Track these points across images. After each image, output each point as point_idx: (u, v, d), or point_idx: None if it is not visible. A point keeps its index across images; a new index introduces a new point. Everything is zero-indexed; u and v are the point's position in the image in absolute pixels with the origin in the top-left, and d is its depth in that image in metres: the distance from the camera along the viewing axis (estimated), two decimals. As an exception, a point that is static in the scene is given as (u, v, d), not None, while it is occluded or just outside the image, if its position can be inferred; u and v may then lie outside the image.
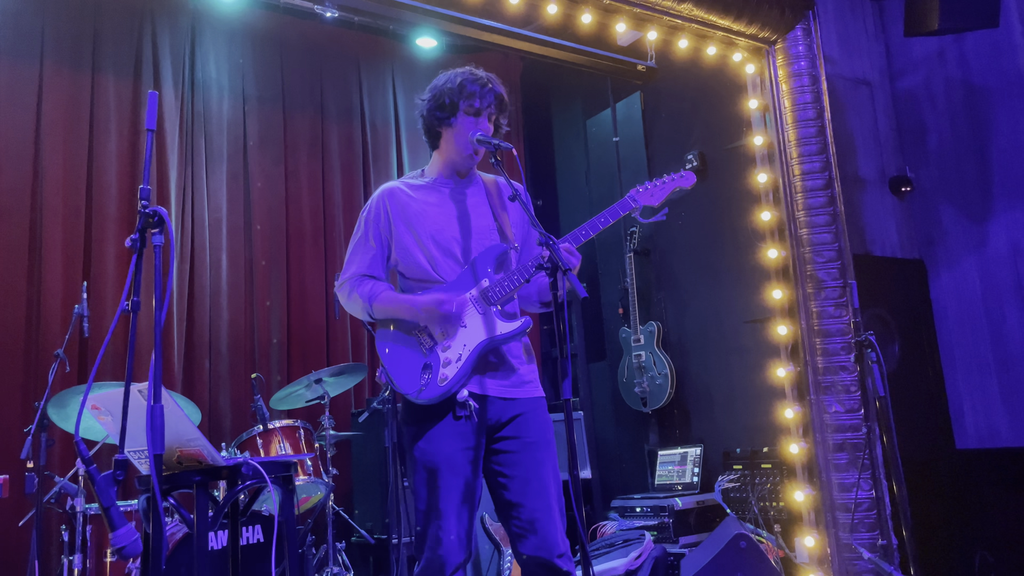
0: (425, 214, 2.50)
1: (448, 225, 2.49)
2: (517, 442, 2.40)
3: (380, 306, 2.47)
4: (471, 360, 2.37)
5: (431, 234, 2.48)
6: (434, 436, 2.35)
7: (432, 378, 2.37)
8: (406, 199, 2.53)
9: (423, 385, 2.37)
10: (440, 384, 2.35)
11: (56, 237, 4.45)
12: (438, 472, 2.32)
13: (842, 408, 4.21)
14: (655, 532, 4.49)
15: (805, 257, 4.40)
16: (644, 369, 5.23)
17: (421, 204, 2.52)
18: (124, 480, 1.86)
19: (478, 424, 2.38)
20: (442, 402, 2.37)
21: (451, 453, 2.33)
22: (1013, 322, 4.59)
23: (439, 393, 2.35)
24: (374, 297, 2.48)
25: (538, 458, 2.40)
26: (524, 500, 2.34)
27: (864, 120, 5.08)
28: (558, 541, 2.34)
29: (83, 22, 4.72)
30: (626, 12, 4.22)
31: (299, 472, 3.94)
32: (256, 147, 5.23)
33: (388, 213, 2.52)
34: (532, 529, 2.32)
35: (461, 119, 2.48)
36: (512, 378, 2.45)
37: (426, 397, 2.36)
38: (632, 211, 2.51)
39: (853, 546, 4.05)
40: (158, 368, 1.85)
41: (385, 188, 2.58)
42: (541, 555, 2.31)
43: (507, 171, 2.42)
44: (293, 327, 5.18)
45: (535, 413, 2.47)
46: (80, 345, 4.36)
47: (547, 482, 2.38)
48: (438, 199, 2.54)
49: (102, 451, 3.79)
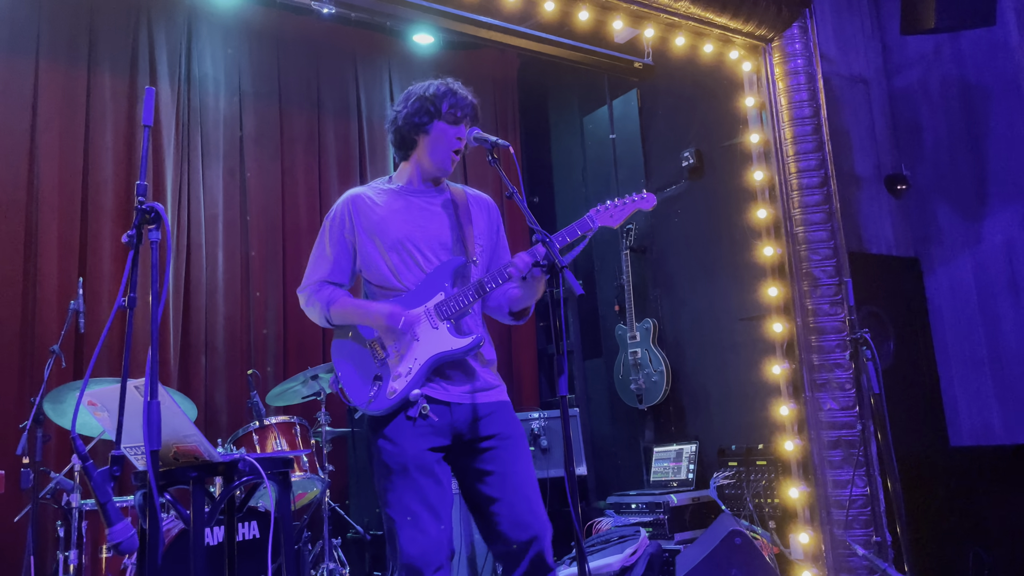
0: (388, 221, 2.50)
1: (411, 234, 2.49)
2: (493, 439, 2.41)
3: (336, 311, 2.48)
4: (420, 374, 2.37)
5: (393, 242, 2.47)
6: (400, 438, 2.35)
7: (382, 390, 2.39)
8: (370, 205, 2.53)
9: (372, 396, 2.39)
10: (388, 396, 2.37)
11: (52, 233, 4.44)
12: (408, 472, 2.31)
13: (837, 405, 4.22)
14: (650, 528, 4.50)
15: (801, 254, 4.41)
16: (640, 366, 5.24)
17: (385, 211, 2.51)
18: (120, 476, 1.87)
19: (443, 426, 2.39)
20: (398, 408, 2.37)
21: (418, 452, 2.33)
22: (1007, 320, 4.61)
23: (387, 405, 2.36)
24: (332, 303, 2.49)
25: (515, 452, 2.42)
26: (504, 494, 2.35)
27: (860, 118, 5.09)
28: (544, 527, 2.35)
29: (79, 17, 4.71)
30: (623, 9, 4.23)
31: (295, 468, 3.94)
32: (252, 143, 5.23)
33: (352, 219, 2.52)
34: (514, 519, 2.32)
35: (439, 126, 2.50)
36: (476, 384, 2.46)
37: (375, 408, 2.38)
38: (588, 232, 2.47)
39: (847, 543, 4.06)
40: (154, 364, 1.86)
41: (349, 194, 2.58)
42: (524, 538, 2.31)
43: (504, 169, 2.41)
44: (289, 323, 5.18)
45: (504, 412, 2.49)
46: (76, 341, 4.35)
47: (526, 475, 2.40)
48: (403, 206, 2.53)
49: (98, 447, 3.79)
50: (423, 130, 2.51)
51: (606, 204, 2.54)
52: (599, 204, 2.55)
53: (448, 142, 2.50)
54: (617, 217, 2.54)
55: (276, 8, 4.76)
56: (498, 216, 2.69)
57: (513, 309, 2.57)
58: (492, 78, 6.22)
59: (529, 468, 2.44)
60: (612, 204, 2.54)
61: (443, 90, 2.51)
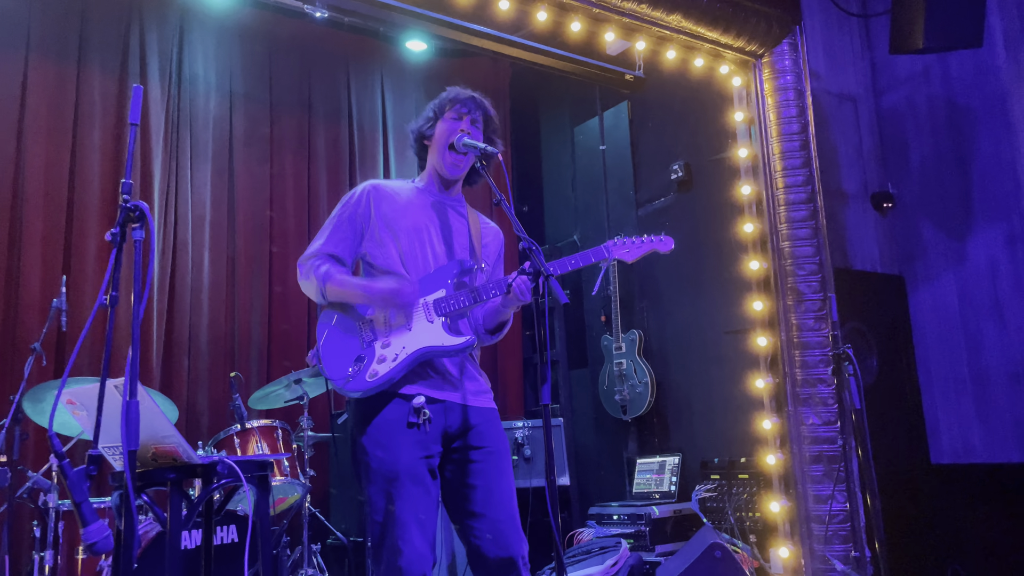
0: (408, 210, 2.53)
1: (425, 228, 2.52)
2: (481, 452, 2.40)
3: (333, 287, 2.44)
4: (405, 363, 2.35)
5: (409, 229, 2.49)
6: (391, 444, 2.32)
7: (362, 371, 2.35)
8: (391, 195, 2.56)
9: (350, 376, 2.35)
10: (368, 379, 2.33)
11: (36, 230, 4.41)
12: (398, 481, 2.29)
13: (819, 420, 4.24)
14: (631, 540, 4.49)
15: (786, 269, 4.44)
16: (625, 377, 5.25)
17: (404, 204, 2.55)
18: (98, 476, 1.85)
19: (436, 429, 2.37)
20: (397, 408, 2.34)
21: (410, 462, 2.31)
22: (990, 339, 4.64)
23: (364, 388, 2.33)
24: (329, 278, 2.45)
25: (500, 467, 2.41)
26: (487, 510, 2.34)
27: (848, 135, 5.13)
28: (522, 546, 2.36)
29: (70, 15, 4.69)
30: (615, 21, 4.25)
31: (276, 472, 3.91)
32: (242, 145, 5.21)
33: (371, 203, 2.54)
34: (495, 537, 2.32)
35: (442, 123, 2.56)
36: (473, 386, 2.47)
37: (352, 388, 2.35)
38: (602, 261, 2.49)
39: (827, 558, 4.07)
40: (135, 364, 1.84)
41: (371, 182, 2.61)
42: (503, 556, 2.31)
43: (492, 176, 2.42)
44: (274, 326, 5.16)
45: (494, 424, 2.48)
46: (58, 339, 4.31)
47: (509, 492, 2.40)
48: (421, 203, 2.57)
49: (77, 447, 3.75)
50: (430, 130, 2.60)
51: (624, 239, 2.55)
52: (617, 238, 2.55)
53: (448, 137, 2.54)
54: (633, 253, 2.55)
55: (269, 10, 4.75)
56: (502, 246, 2.73)
57: (488, 326, 2.56)
58: (484, 87, 6.16)
59: (512, 484, 2.44)
60: (631, 240, 2.55)
61: (444, 96, 2.61)
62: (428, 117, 2.60)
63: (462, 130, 2.54)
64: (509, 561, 2.32)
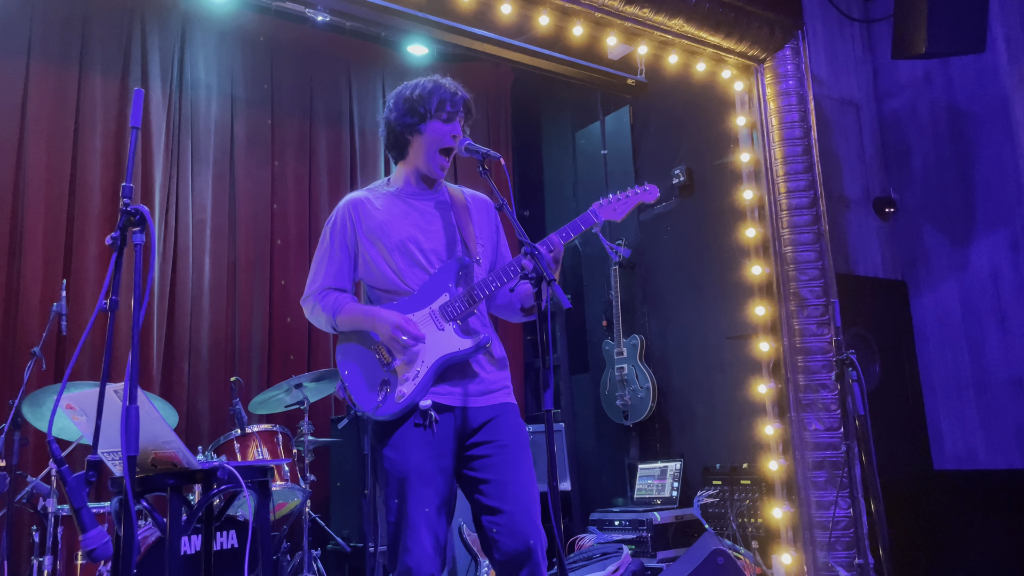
0: (390, 224, 2.48)
1: (413, 235, 2.47)
2: (491, 446, 2.38)
3: (343, 318, 2.45)
4: (428, 377, 2.36)
5: (396, 244, 2.46)
6: (402, 446, 2.33)
7: (390, 394, 2.36)
8: (370, 209, 2.51)
9: (380, 401, 2.36)
10: (397, 401, 2.34)
11: (37, 234, 4.40)
12: (407, 482, 2.29)
13: (822, 426, 4.22)
14: (633, 546, 4.47)
15: (789, 275, 4.42)
16: (626, 382, 5.23)
17: (385, 214, 2.50)
18: (97, 481, 1.83)
19: (447, 432, 2.37)
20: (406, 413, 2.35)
21: (420, 462, 2.31)
22: (992, 345, 4.63)
23: (396, 410, 2.34)
24: (338, 310, 2.46)
25: (514, 460, 2.38)
26: (502, 504, 2.32)
27: (850, 140, 5.12)
28: (539, 536, 2.32)
29: (72, 19, 4.69)
30: (617, 26, 4.24)
31: (276, 477, 3.90)
32: (243, 149, 5.21)
33: (353, 224, 2.50)
34: (511, 530, 2.30)
35: (432, 125, 2.46)
36: (479, 387, 2.44)
37: (383, 413, 2.35)
38: (594, 226, 2.47)
39: (830, 564, 4.05)
40: (134, 368, 1.83)
41: (350, 198, 2.56)
42: (519, 548, 2.28)
43: (494, 181, 2.39)
44: (275, 331, 5.15)
45: (506, 417, 2.45)
46: (58, 343, 4.30)
47: (525, 484, 2.36)
48: (403, 208, 2.51)
49: (76, 452, 3.74)
50: (416, 130, 2.48)
51: (608, 197, 2.53)
52: (602, 198, 2.53)
53: (441, 140, 2.47)
54: (620, 211, 2.52)
55: (271, 15, 4.76)
56: (496, 216, 2.65)
57: (525, 305, 2.54)
58: (486, 91, 6.23)
59: (529, 476, 2.40)
60: (615, 197, 2.53)
61: (432, 88, 2.47)
62: (415, 112, 2.46)
63: (453, 136, 2.47)
64: (525, 553, 2.29)
